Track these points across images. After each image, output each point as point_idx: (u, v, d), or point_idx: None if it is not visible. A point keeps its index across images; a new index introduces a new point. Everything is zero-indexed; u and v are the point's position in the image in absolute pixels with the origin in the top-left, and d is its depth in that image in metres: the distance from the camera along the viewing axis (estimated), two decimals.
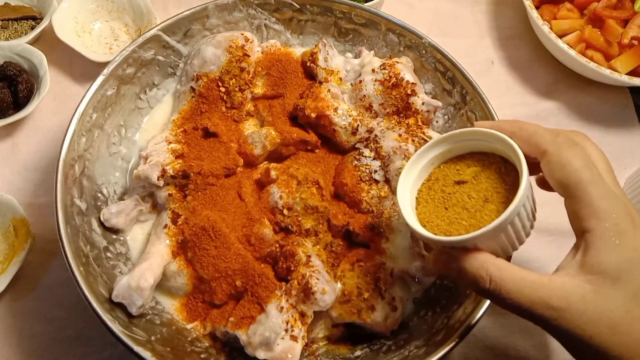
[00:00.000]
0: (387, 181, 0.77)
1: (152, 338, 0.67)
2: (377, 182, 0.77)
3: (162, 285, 0.73)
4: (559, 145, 0.53)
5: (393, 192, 0.77)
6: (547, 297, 0.50)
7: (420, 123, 0.80)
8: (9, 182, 0.91)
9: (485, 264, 0.52)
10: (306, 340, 0.68)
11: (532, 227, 0.57)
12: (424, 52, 0.86)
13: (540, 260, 0.90)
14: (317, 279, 0.67)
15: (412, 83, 0.81)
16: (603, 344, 0.49)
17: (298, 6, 0.88)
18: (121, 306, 0.68)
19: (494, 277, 0.51)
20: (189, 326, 0.72)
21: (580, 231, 0.52)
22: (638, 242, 0.50)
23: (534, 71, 1.09)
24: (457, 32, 1.12)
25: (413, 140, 0.77)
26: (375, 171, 0.78)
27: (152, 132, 0.85)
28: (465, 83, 0.83)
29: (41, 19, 1.03)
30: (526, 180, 0.52)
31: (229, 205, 0.75)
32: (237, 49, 0.81)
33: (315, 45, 0.84)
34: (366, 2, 0.97)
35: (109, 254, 0.74)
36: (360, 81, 0.82)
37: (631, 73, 0.97)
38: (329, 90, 0.81)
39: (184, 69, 0.86)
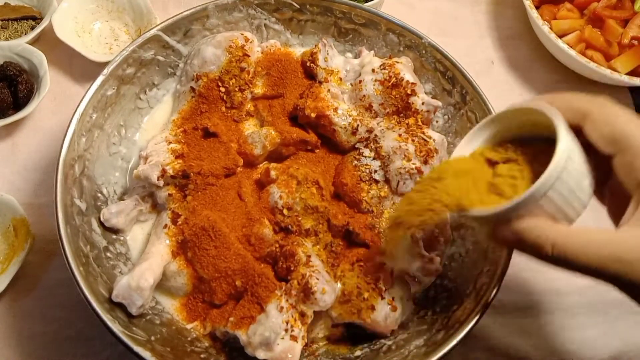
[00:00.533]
0: (387, 181, 0.77)
1: (152, 338, 0.67)
2: (377, 182, 0.77)
3: (162, 285, 0.73)
4: (600, 104, 0.53)
5: (393, 191, 0.77)
6: (617, 251, 0.48)
7: (420, 123, 0.80)
8: (9, 182, 0.91)
9: (545, 231, 0.50)
10: (306, 340, 0.68)
11: (591, 186, 0.54)
12: (424, 52, 0.86)
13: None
14: (317, 279, 0.67)
15: (412, 83, 0.81)
16: None
17: (298, 6, 0.88)
18: (121, 306, 0.68)
19: (556, 242, 0.49)
20: (189, 326, 0.72)
21: (637, 183, 0.51)
22: None
23: (534, 71, 1.09)
24: (457, 32, 1.12)
25: (413, 140, 0.77)
26: (375, 171, 0.78)
27: (152, 132, 0.85)
28: (465, 83, 0.83)
29: (41, 19, 1.03)
30: (566, 134, 0.51)
31: (229, 205, 0.75)
32: (237, 49, 0.81)
33: (315, 45, 0.84)
34: (366, 2, 0.97)
35: (109, 254, 0.74)
36: (360, 81, 0.82)
37: (631, 73, 0.97)
38: (328, 90, 0.81)
39: (184, 69, 0.86)
